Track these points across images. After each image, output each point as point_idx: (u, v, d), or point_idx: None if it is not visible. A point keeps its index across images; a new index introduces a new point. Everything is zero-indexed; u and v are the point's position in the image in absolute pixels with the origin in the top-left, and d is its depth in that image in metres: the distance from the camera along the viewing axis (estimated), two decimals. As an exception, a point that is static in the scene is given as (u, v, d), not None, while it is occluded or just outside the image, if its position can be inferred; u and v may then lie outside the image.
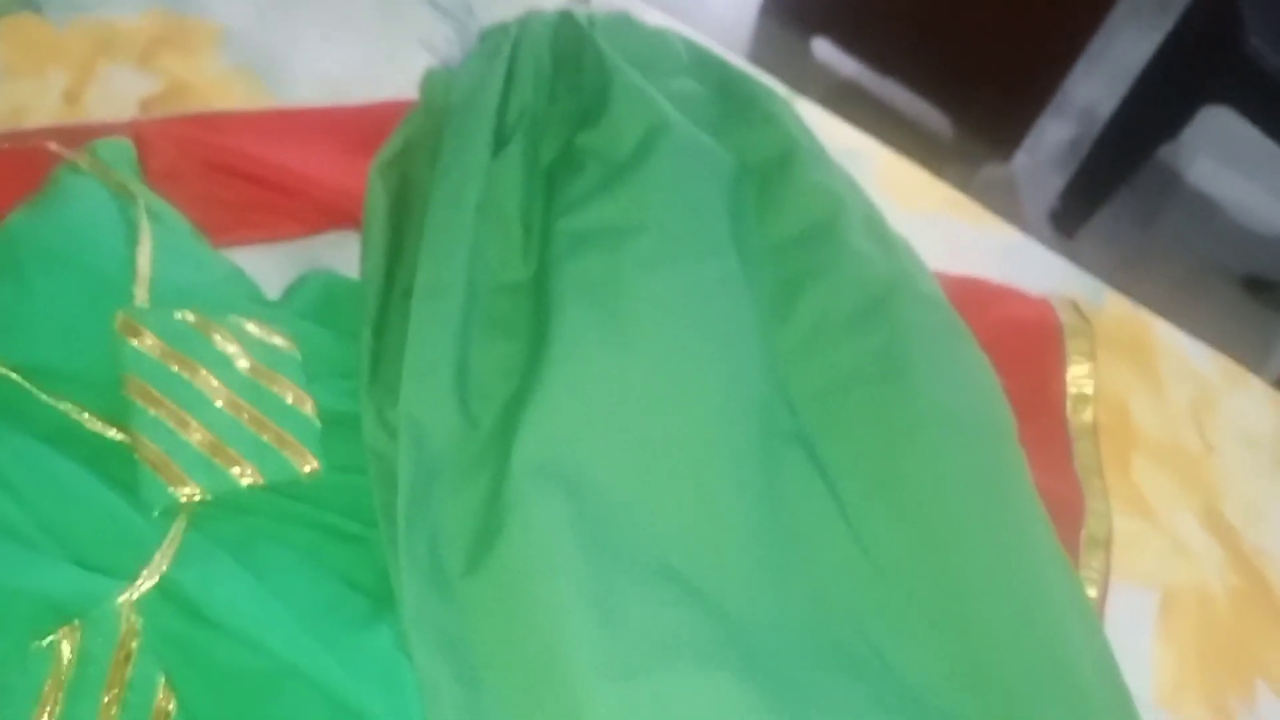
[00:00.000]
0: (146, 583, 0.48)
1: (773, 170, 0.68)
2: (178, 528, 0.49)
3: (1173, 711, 0.57)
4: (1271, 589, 0.62)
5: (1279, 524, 0.64)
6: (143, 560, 0.48)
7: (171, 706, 0.48)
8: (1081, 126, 1.63)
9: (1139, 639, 0.59)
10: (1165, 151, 1.50)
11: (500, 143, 0.66)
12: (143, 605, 0.48)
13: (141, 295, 0.55)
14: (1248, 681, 0.59)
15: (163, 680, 0.48)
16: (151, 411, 0.52)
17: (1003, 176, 1.56)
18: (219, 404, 0.53)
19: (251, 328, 0.56)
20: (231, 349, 0.55)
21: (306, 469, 0.54)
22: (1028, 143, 1.53)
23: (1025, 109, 1.48)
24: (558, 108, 0.69)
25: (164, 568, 0.48)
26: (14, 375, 0.51)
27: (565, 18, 0.72)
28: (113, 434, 0.52)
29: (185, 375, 0.53)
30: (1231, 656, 0.59)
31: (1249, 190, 1.62)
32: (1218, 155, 1.63)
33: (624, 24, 0.74)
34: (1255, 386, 0.68)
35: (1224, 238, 1.59)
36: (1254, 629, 0.60)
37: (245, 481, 0.53)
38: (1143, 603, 0.60)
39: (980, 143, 1.54)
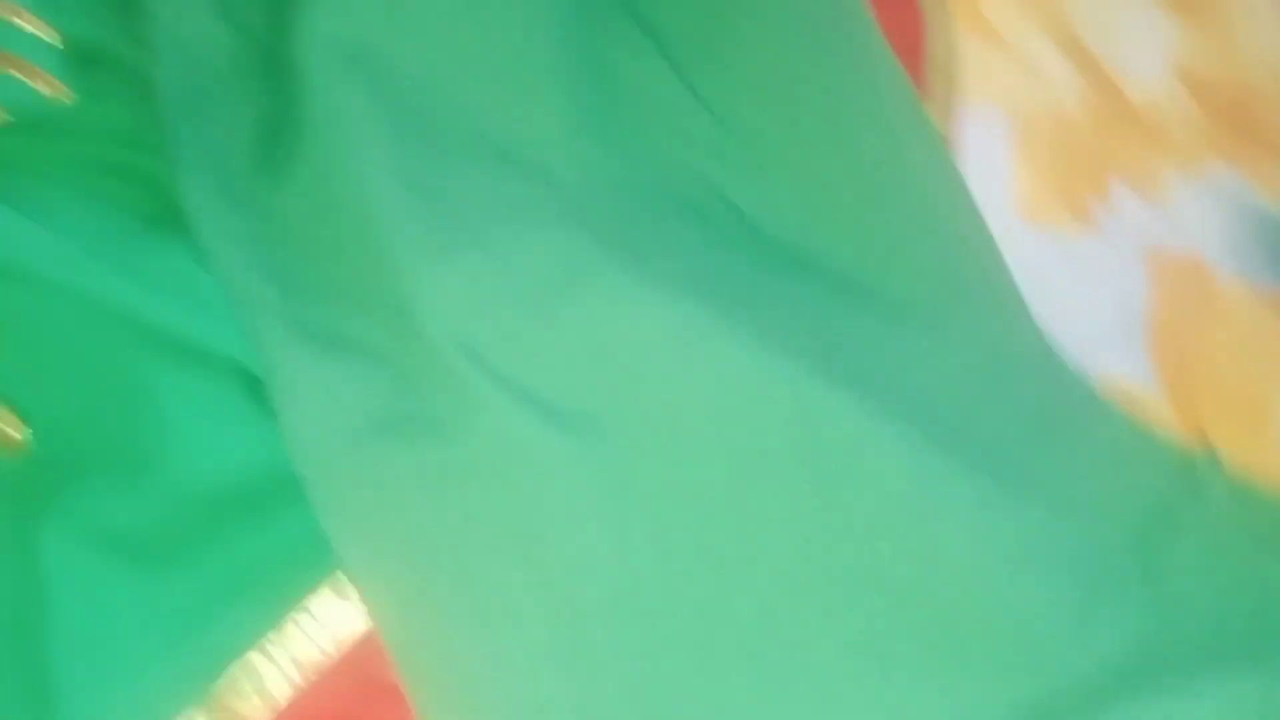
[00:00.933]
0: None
1: None
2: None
3: (1034, 220, 0.55)
4: (1121, 92, 0.59)
5: (1130, 34, 0.61)
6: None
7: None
8: None
9: (994, 158, 0.56)
10: None
11: None
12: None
13: None
14: (1102, 181, 0.57)
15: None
16: None
17: None
18: (-58, 36, 0.47)
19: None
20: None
21: (59, 97, 0.48)
22: None
23: None
24: None
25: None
26: None
27: None
28: None
29: (-106, 11, 0.47)
30: (1086, 162, 0.57)
31: None
32: None
33: None
34: (1097, -100, 0.64)
35: None
36: (1106, 132, 0.58)
37: (-11, 116, 0.47)
38: (995, 122, 0.57)
39: None
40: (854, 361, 0.48)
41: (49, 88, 0.47)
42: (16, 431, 0.43)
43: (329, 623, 0.41)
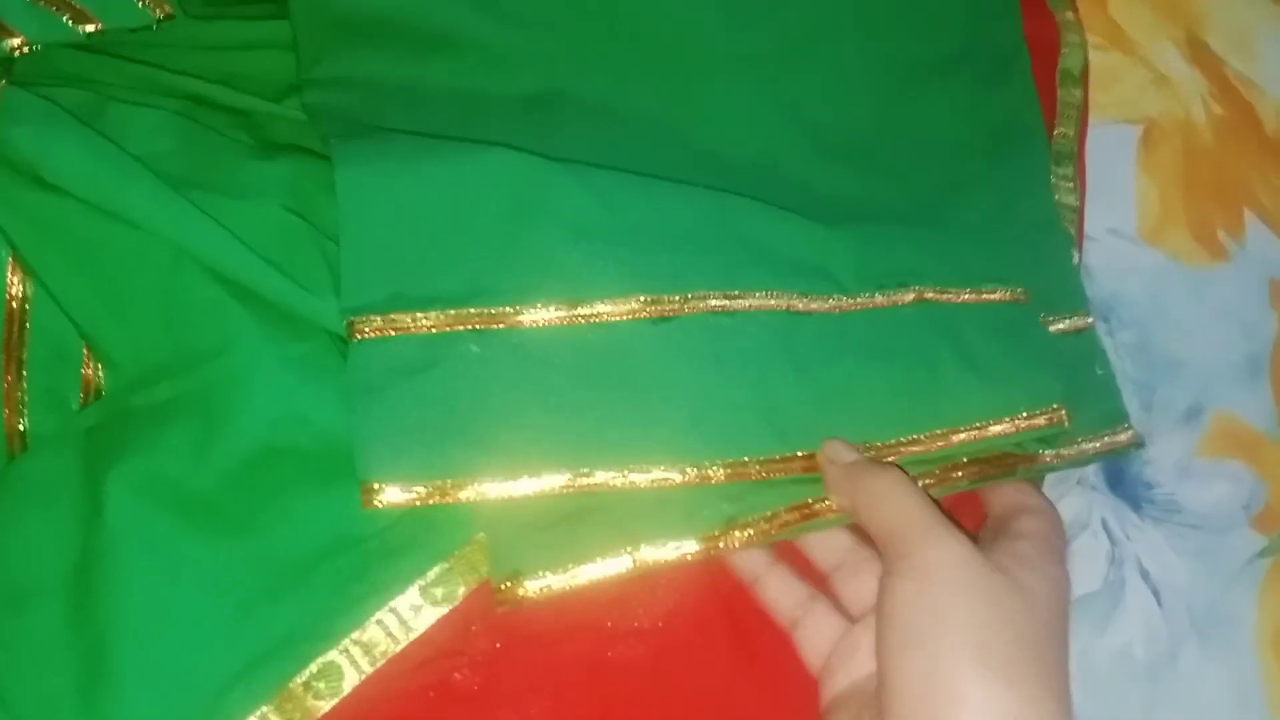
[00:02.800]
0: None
1: None
2: (-2, 82, 0.39)
3: (1161, 245, 0.52)
4: (1256, 117, 0.56)
5: (1264, 52, 0.57)
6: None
7: (24, 290, 0.40)
8: None
9: (1121, 174, 0.53)
10: None
11: None
12: (-34, 167, 0.38)
13: None
14: (1235, 210, 0.54)
15: (10, 258, 0.40)
16: (-54, -50, 0.41)
17: None
18: (34, -59, 0.42)
19: None
20: (38, -126, 0.43)
21: (157, 13, 0.43)
22: None
23: None
24: None
25: (-18, 120, 0.38)
26: None
27: None
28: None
29: (-17, -93, 0.42)
30: (1218, 187, 0.54)
31: None
32: None
33: None
34: (1239, -89, 0.60)
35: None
36: (1239, 158, 0.54)
37: (83, 28, 0.42)
38: (1123, 136, 0.53)
39: None
40: None
41: (156, 7, 0.43)
42: (96, 374, 0.40)
43: (415, 624, 0.37)
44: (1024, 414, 0.41)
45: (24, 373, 0.39)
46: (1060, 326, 0.46)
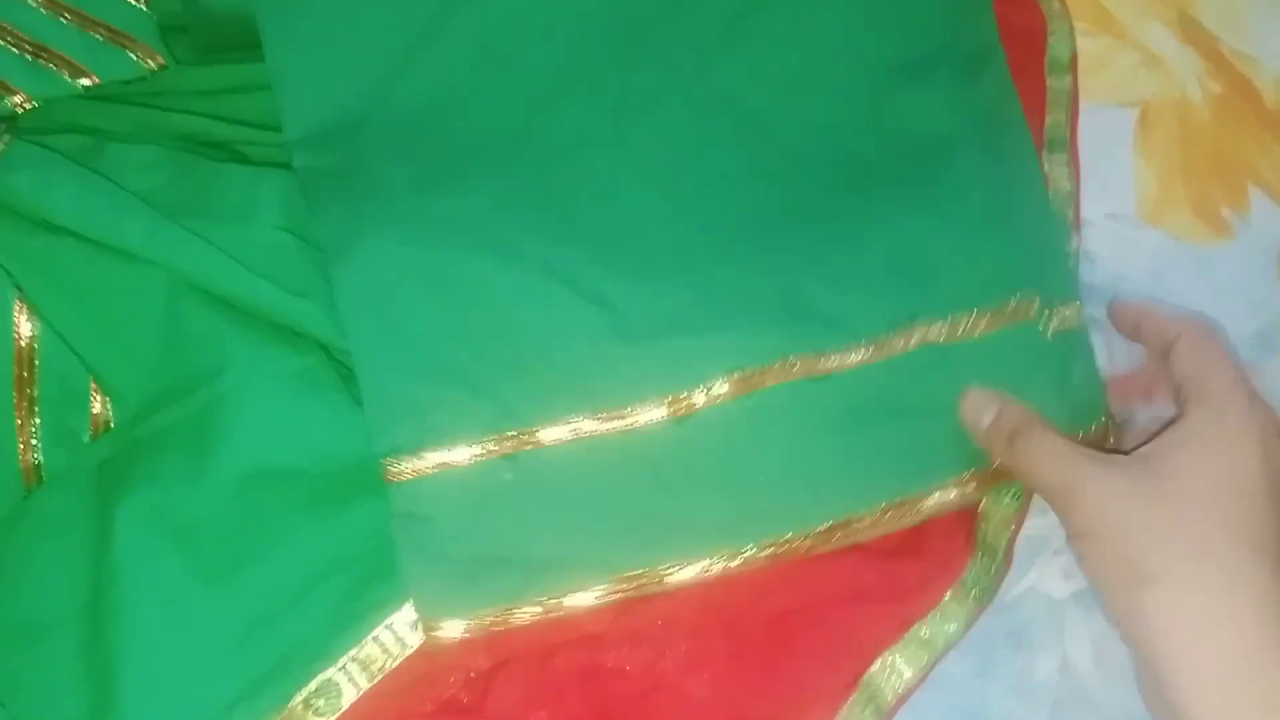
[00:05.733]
0: (-29, 191, 0.39)
1: None
2: (1, 135, 0.40)
3: (1163, 225, 0.49)
4: (1255, 91, 0.53)
5: (1257, 26, 0.55)
6: (-39, 169, 0.39)
7: (33, 329, 0.40)
8: None
9: (1118, 159, 0.50)
10: None
11: None
12: (-28, 214, 0.39)
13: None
14: (1239, 187, 0.51)
15: (17, 299, 0.40)
16: (-49, 17, 0.42)
17: None
18: (31, 3, 0.43)
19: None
20: (35, -56, 0.44)
21: (150, 63, 0.44)
22: None
23: None
24: None
25: (-12, 172, 0.39)
26: None
27: None
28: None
29: (-15, -26, 0.43)
30: (1218, 164, 0.51)
31: None
32: None
33: None
34: (1226, -109, 0.58)
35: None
36: (1239, 134, 0.52)
37: (80, 83, 0.43)
38: (1119, 120, 0.51)
39: None
40: None
41: (140, 54, 0.44)
42: (104, 408, 0.40)
43: (412, 641, 0.36)
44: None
45: (36, 409, 0.40)
46: (1054, 325, 0.43)
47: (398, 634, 0.36)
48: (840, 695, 0.38)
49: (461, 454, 0.37)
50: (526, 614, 0.36)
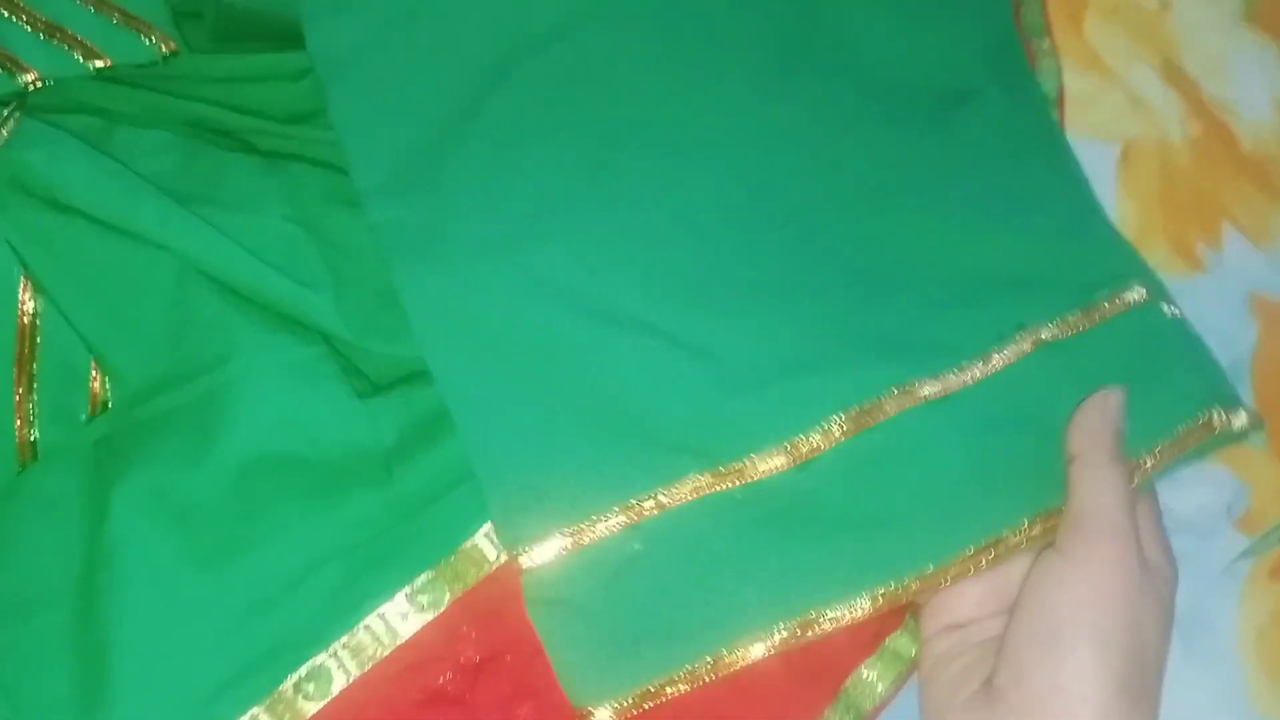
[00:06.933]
0: (-17, 165, 0.38)
1: None
2: (11, 112, 0.39)
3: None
4: (1232, 136, 0.55)
5: (1238, 74, 0.56)
6: (-26, 142, 0.38)
7: (36, 307, 0.40)
8: None
9: (1101, 193, 0.51)
10: None
11: None
12: (-17, 191, 0.38)
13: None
14: (1213, 224, 0.53)
15: (22, 276, 0.40)
16: (-33, -8, 0.42)
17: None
18: (48, -18, 0.43)
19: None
20: (54, -76, 0.43)
21: (163, 48, 0.44)
22: None
23: None
24: None
25: (-1, 146, 0.39)
26: None
27: None
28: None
29: (3, -48, 0.43)
30: (1195, 202, 0.53)
31: None
32: None
33: None
34: (1210, -58, 0.59)
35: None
36: (1216, 176, 0.54)
37: (93, 64, 0.43)
38: (1102, 155, 0.53)
39: None
40: None
41: (153, 38, 0.43)
42: (103, 388, 0.40)
43: (402, 630, 0.36)
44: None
45: (35, 386, 0.39)
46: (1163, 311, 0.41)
47: (389, 623, 0.36)
48: (819, 704, 0.38)
49: (587, 532, 0.36)
50: (675, 687, 0.35)
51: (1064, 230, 0.42)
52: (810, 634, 0.35)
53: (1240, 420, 0.39)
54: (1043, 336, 0.39)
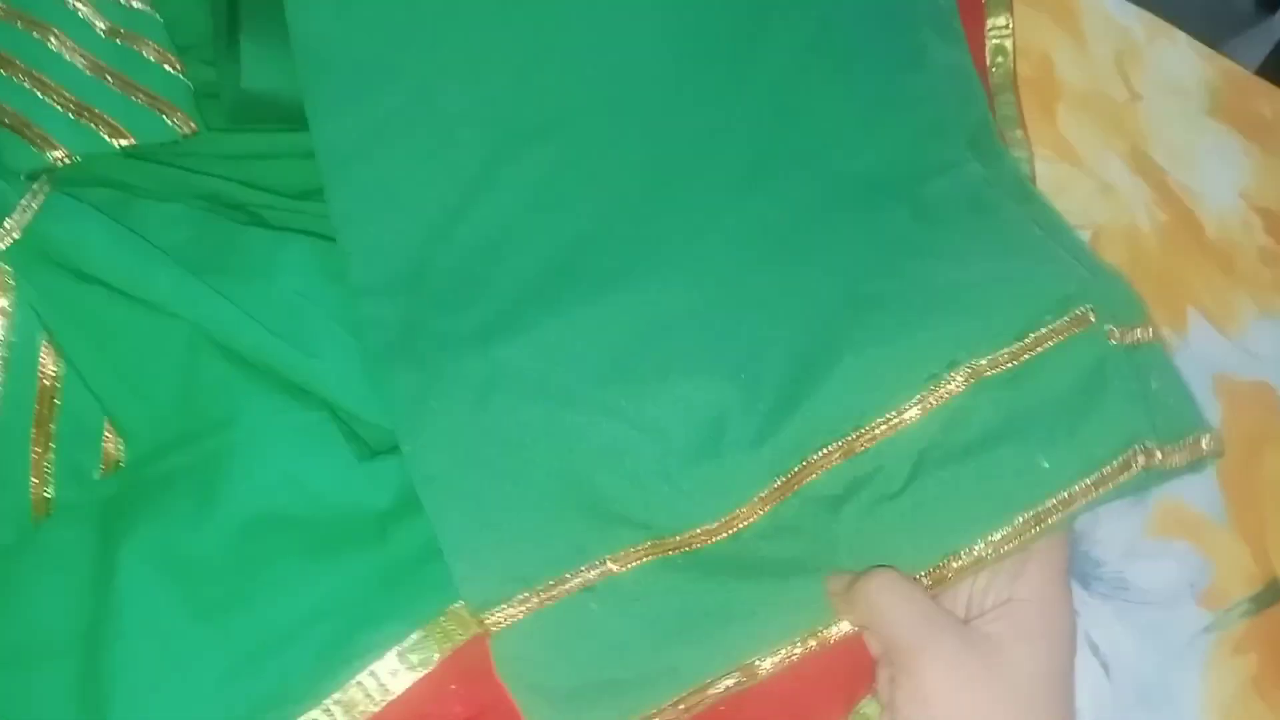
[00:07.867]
0: (11, 234, 0.40)
1: None
2: (40, 186, 0.42)
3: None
4: (1197, 223, 0.57)
5: (1204, 164, 0.59)
6: (3, 214, 0.41)
7: (57, 370, 0.42)
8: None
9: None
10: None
11: None
12: (11, 257, 0.41)
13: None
14: (1179, 309, 0.55)
15: (44, 340, 0.42)
16: (3, 73, 0.44)
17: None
18: (78, 64, 0.46)
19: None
20: (84, 9, 0.46)
21: (184, 129, 0.46)
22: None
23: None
24: None
25: (28, 220, 0.41)
26: None
27: None
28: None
29: (36, 36, 0.45)
30: (1161, 287, 0.55)
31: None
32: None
33: None
34: (1179, 39, 0.62)
35: None
36: (1181, 261, 0.56)
37: (117, 142, 0.45)
38: (1072, 240, 0.55)
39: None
40: None
41: (175, 119, 0.46)
42: (115, 448, 0.42)
43: (393, 687, 0.38)
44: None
45: (53, 445, 0.41)
46: (1119, 337, 0.40)
47: (380, 680, 0.37)
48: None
49: (546, 593, 0.38)
50: None
51: (1011, 263, 0.42)
52: (753, 679, 0.38)
53: (1176, 457, 0.38)
54: (979, 370, 0.38)
